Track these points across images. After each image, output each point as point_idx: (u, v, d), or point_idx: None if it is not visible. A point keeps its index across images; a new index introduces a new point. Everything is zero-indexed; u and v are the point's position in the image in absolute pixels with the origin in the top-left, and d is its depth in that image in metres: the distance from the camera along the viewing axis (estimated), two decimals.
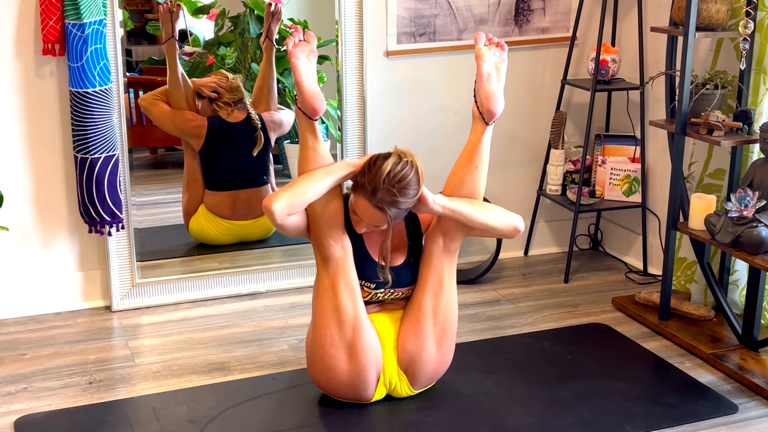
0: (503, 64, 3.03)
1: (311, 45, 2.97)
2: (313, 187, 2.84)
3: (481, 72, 2.98)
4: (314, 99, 2.89)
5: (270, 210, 2.79)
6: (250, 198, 4.19)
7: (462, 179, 3.00)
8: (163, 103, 4.02)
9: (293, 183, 2.87)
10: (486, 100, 2.95)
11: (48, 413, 3.07)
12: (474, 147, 3.00)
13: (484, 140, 3.00)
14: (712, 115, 3.44)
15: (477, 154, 3.00)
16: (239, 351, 3.51)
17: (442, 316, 3.05)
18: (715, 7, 3.48)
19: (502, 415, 3.07)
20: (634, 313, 3.82)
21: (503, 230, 3.00)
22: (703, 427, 3.03)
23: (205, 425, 2.98)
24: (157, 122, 4.08)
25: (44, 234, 3.77)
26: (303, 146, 2.94)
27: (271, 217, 2.81)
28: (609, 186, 4.29)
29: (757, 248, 3.25)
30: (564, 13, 4.32)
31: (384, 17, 4.02)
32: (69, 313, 3.83)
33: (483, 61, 3.00)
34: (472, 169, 3.00)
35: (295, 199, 2.82)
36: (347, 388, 3.03)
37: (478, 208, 2.97)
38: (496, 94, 2.96)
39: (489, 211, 2.99)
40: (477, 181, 3.01)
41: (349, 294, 2.96)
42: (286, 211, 2.81)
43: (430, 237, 3.03)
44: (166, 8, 3.94)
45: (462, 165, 3.02)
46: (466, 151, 3.02)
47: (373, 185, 2.80)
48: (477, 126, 3.01)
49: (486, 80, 2.97)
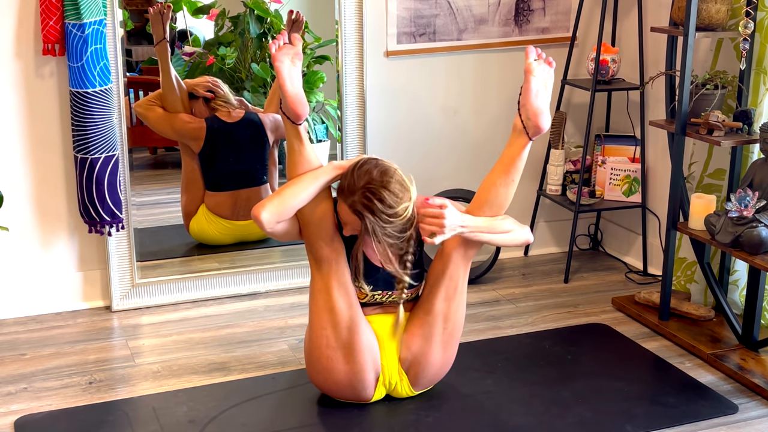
0: (551, 81, 2.96)
1: (296, 48, 2.94)
2: (300, 194, 2.86)
3: (530, 87, 2.90)
4: (297, 103, 2.86)
5: (259, 219, 2.81)
6: (250, 198, 4.19)
7: (497, 191, 2.96)
8: (158, 107, 4.02)
9: (281, 190, 2.88)
10: (534, 116, 2.89)
11: (48, 413, 3.07)
12: (513, 160, 2.95)
13: (524, 155, 2.95)
14: (712, 115, 3.44)
15: (515, 167, 2.95)
16: (239, 351, 3.51)
17: (453, 321, 3.05)
18: (715, 7, 3.48)
19: (502, 415, 3.07)
20: (634, 313, 3.82)
21: (516, 245, 3.12)
22: (703, 427, 3.03)
23: (205, 425, 2.98)
24: (154, 127, 4.08)
25: (44, 234, 3.77)
26: (290, 150, 2.94)
27: (260, 226, 2.83)
28: (609, 186, 4.29)
29: (757, 248, 3.25)
30: (564, 13, 4.32)
31: (384, 17, 4.02)
32: (69, 313, 3.83)
33: (533, 76, 2.91)
34: (509, 182, 2.96)
35: (283, 207, 2.84)
36: (345, 389, 3.03)
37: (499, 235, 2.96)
38: (544, 112, 2.90)
39: (508, 235, 2.98)
40: (510, 193, 2.98)
41: (343, 295, 2.96)
42: (275, 219, 2.83)
43: (451, 243, 2.99)
44: (157, 10, 3.92)
45: (498, 176, 2.96)
46: (503, 163, 2.96)
47: (352, 188, 2.81)
48: (519, 139, 2.95)
49: (535, 96, 2.90)
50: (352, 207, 2.82)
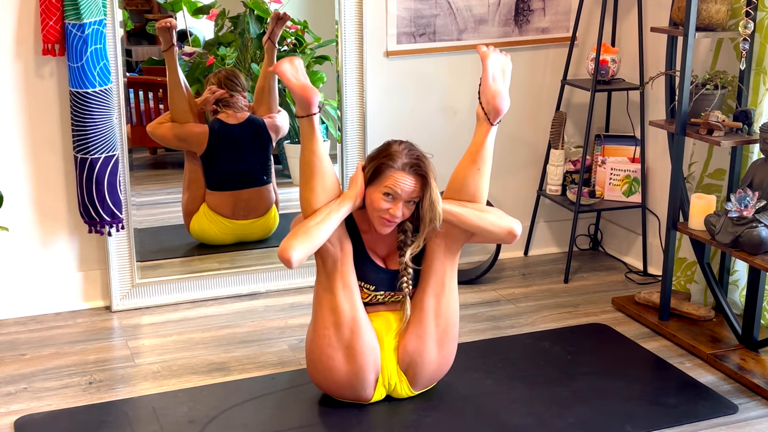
0: (508, 67, 3.05)
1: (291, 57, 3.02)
2: (328, 230, 2.87)
3: (487, 71, 2.99)
4: (304, 90, 2.90)
5: (290, 261, 2.79)
6: (251, 198, 4.20)
7: (464, 181, 3.00)
8: (166, 122, 4.05)
9: (307, 227, 2.85)
10: (492, 98, 2.95)
11: (48, 413, 3.07)
12: (477, 148, 2.99)
13: (488, 142, 2.99)
14: (712, 115, 3.44)
15: (480, 156, 2.99)
16: (239, 351, 3.51)
17: (444, 317, 3.05)
18: (715, 7, 3.48)
19: (502, 415, 3.07)
20: (634, 313, 3.82)
21: (497, 233, 2.99)
22: (703, 427, 3.03)
23: (205, 425, 2.98)
24: (162, 142, 4.14)
25: (44, 234, 3.77)
26: (305, 149, 2.93)
27: (288, 266, 2.81)
28: (609, 186, 4.29)
29: (757, 248, 3.25)
30: (564, 13, 4.32)
31: (384, 17, 4.02)
32: (69, 313, 3.83)
33: (489, 60, 3.01)
34: (474, 171, 2.99)
35: (312, 246, 2.85)
36: (345, 388, 3.03)
37: (472, 210, 2.98)
38: (502, 93, 2.97)
39: (483, 213, 2.99)
40: (480, 182, 3.01)
41: (348, 296, 2.96)
42: (304, 258, 2.83)
43: (432, 239, 3.02)
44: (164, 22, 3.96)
45: (465, 167, 3.01)
46: (470, 152, 3.01)
47: (397, 155, 2.90)
48: (481, 127, 3.00)
49: (492, 80, 2.98)
50: (412, 163, 2.88)
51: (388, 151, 2.93)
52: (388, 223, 2.93)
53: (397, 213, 2.90)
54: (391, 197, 2.89)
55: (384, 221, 2.92)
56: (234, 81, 4.10)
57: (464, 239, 3.03)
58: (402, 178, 2.88)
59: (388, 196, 2.90)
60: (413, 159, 2.90)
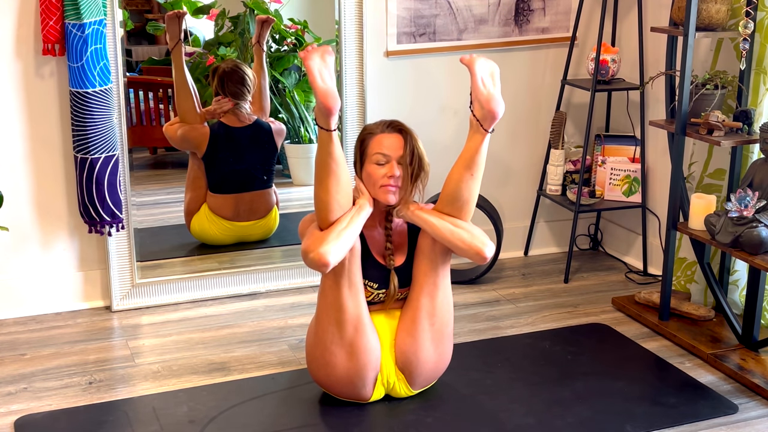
0: (496, 71, 2.96)
1: (325, 47, 2.91)
2: (355, 232, 2.91)
3: (476, 77, 2.91)
4: (328, 96, 2.79)
5: (327, 266, 2.82)
6: (252, 200, 4.21)
7: (458, 186, 2.98)
8: (176, 122, 4.10)
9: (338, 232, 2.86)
10: (486, 102, 2.89)
11: (48, 413, 3.07)
12: (472, 155, 2.95)
13: (482, 148, 2.95)
14: (712, 115, 3.44)
15: (474, 162, 2.96)
16: (239, 351, 3.51)
17: (438, 316, 3.06)
18: (715, 7, 3.48)
19: (502, 415, 3.07)
20: (634, 313, 3.82)
21: (466, 251, 2.97)
22: (703, 427, 3.03)
23: (205, 425, 2.98)
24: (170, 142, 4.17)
25: (44, 234, 3.77)
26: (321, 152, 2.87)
27: (323, 271, 2.85)
28: (609, 186, 4.29)
29: (757, 248, 3.25)
30: (564, 13, 4.32)
31: (384, 17, 4.02)
32: (69, 313, 3.83)
33: (476, 65, 2.92)
34: (468, 177, 2.97)
35: (345, 249, 2.88)
36: (345, 386, 3.03)
37: (447, 224, 2.98)
38: (495, 96, 2.90)
39: (456, 229, 2.97)
40: (473, 189, 3.00)
41: (353, 294, 2.97)
42: (338, 261, 2.86)
43: (424, 238, 3.03)
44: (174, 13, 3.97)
45: (458, 172, 2.98)
46: (463, 158, 2.97)
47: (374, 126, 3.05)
48: (476, 135, 2.95)
49: (482, 84, 2.91)
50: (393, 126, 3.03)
51: (365, 129, 3.08)
52: (391, 188, 2.97)
53: (395, 172, 2.96)
54: (384, 160, 2.98)
55: (387, 189, 2.98)
56: (241, 89, 4.10)
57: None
58: (385, 137, 3.00)
59: (381, 163, 2.98)
60: (389, 121, 3.06)
